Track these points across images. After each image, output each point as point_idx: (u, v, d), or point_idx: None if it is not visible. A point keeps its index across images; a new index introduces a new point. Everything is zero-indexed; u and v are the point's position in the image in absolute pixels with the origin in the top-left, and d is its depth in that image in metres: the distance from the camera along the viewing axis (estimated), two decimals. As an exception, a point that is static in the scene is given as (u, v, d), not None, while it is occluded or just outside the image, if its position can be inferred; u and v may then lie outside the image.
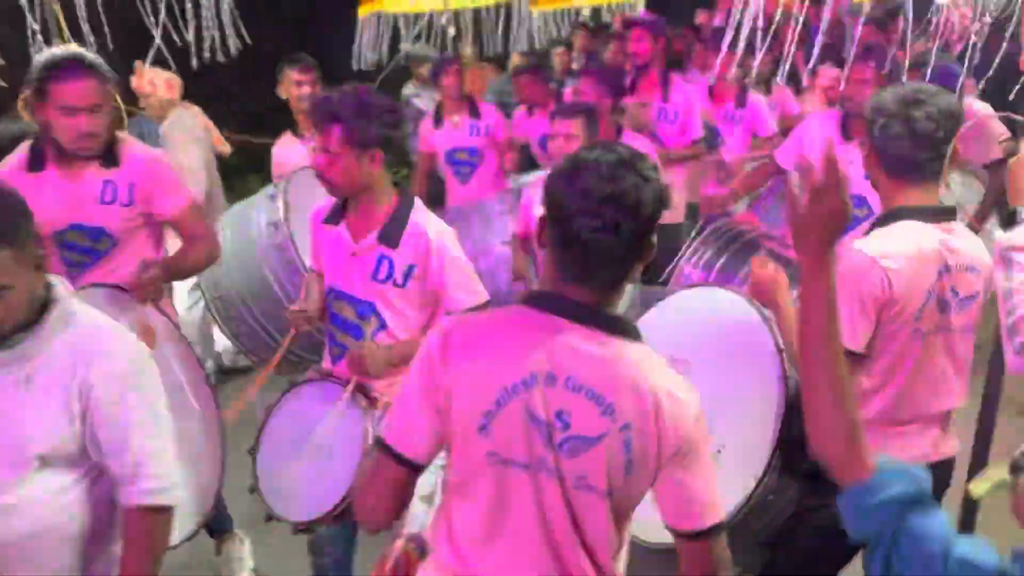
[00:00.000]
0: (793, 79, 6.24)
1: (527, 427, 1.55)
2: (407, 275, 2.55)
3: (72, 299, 1.85)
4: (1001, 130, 4.11)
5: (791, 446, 2.35)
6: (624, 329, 1.59)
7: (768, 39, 2.80)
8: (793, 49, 2.94)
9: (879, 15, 5.18)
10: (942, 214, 2.16)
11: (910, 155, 2.09)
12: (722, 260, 3.07)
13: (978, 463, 2.50)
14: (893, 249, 2.08)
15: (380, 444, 1.67)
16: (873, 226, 2.18)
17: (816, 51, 2.90)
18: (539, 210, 1.69)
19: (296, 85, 4.11)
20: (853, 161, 2.28)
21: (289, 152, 4.11)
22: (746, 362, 2.46)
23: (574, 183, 1.52)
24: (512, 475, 1.57)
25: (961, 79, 3.85)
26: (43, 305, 1.80)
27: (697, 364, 2.54)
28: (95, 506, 1.86)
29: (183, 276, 2.97)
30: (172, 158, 4.84)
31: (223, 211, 5.02)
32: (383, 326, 2.59)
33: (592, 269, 1.55)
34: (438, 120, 5.23)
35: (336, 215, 2.65)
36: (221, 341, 4.63)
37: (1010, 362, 1.79)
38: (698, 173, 4.89)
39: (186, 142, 4.84)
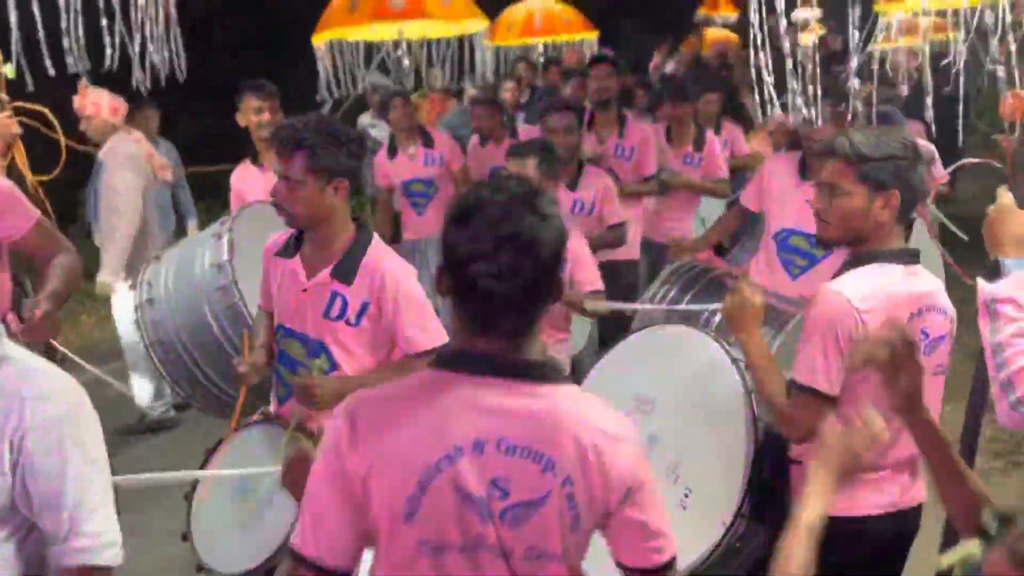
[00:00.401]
0: (742, 120, 6.35)
1: (459, 506, 1.40)
2: (361, 313, 2.44)
3: (4, 340, 1.69)
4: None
5: (760, 490, 2.30)
6: (546, 374, 1.47)
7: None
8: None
9: (825, 54, 5.30)
10: (910, 256, 2.16)
11: (922, 192, 2.10)
12: (686, 300, 3.01)
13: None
14: (868, 291, 2.06)
15: (295, 557, 1.46)
16: (845, 267, 2.16)
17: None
18: None
19: (256, 112, 3.94)
20: (809, 199, 2.27)
21: (249, 181, 3.95)
22: (715, 404, 2.41)
23: (465, 227, 1.40)
24: (449, 562, 1.42)
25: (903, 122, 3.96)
26: None
27: (663, 404, 2.49)
28: (24, 566, 1.69)
29: (66, 298, 2.75)
30: (107, 183, 4.69)
31: (160, 242, 4.86)
32: (334, 367, 2.47)
33: (495, 318, 1.41)
34: (392, 152, 5.17)
35: (290, 248, 2.54)
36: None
37: (1002, 417, 1.75)
38: (652, 210, 4.89)
39: (123, 169, 4.69)
